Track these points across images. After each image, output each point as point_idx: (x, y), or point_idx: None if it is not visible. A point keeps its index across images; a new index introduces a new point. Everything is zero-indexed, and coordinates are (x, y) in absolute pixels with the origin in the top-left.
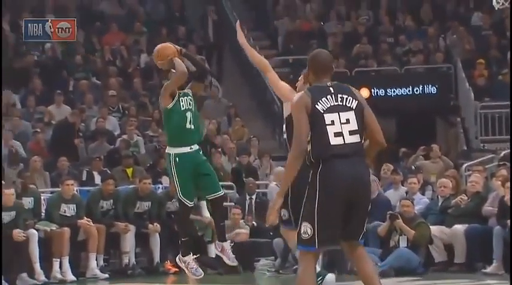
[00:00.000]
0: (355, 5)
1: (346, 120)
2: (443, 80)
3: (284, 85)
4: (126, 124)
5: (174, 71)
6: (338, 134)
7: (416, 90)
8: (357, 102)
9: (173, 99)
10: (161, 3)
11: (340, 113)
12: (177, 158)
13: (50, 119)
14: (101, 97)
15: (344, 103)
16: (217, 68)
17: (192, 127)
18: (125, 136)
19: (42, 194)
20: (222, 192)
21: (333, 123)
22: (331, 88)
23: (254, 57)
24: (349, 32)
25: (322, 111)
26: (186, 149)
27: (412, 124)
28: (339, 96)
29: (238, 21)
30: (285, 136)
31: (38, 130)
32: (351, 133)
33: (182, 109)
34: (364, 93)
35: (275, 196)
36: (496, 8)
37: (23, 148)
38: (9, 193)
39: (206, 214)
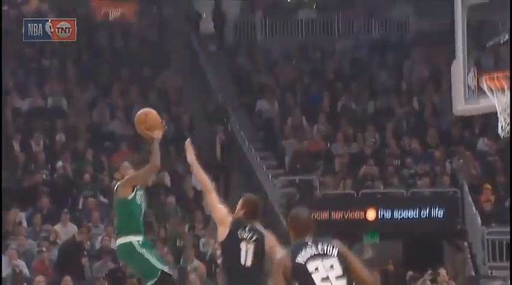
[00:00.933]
0: (362, 127)
1: (331, 266)
2: (450, 204)
3: (221, 209)
4: None
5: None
6: (325, 279)
7: (423, 213)
8: (337, 249)
9: (132, 191)
10: (170, 122)
11: (323, 260)
12: (139, 242)
13: (55, 238)
14: (107, 216)
15: (325, 252)
16: (224, 188)
17: (142, 220)
18: None
19: None
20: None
21: (317, 269)
22: (309, 242)
23: (199, 176)
24: (356, 153)
25: (303, 263)
26: (140, 238)
27: (419, 248)
28: (319, 246)
29: (188, 139)
30: (219, 261)
31: (44, 249)
32: (338, 278)
33: (139, 202)
34: (371, 214)
35: None
36: (502, 136)
37: (28, 267)
38: None
39: None
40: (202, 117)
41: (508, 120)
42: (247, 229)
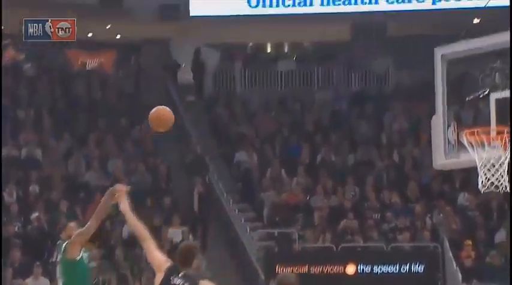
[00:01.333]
0: (342, 179)
1: None
2: (430, 259)
3: (158, 255)
4: None
5: None
6: None
7: (403, 268)
8: None
9: (80, 251)
10: (148, 174)
11: None
12: None
13: None
14: None
15: None
16: (202, 240)
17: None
18: None
19: None
20: None
21: None
22: None
23: (134, 224)
24: (336, 206)
25: None
26: None
27: None
28: None
29: (126, 186)
30: None
31: None
32: None
33: (87, 263)
34: (350, 269)
35: None
36: (482, 191)
37: None
38: None
39: None
40: (180, 167)
41: (489, 175)
42: (180, 275)
